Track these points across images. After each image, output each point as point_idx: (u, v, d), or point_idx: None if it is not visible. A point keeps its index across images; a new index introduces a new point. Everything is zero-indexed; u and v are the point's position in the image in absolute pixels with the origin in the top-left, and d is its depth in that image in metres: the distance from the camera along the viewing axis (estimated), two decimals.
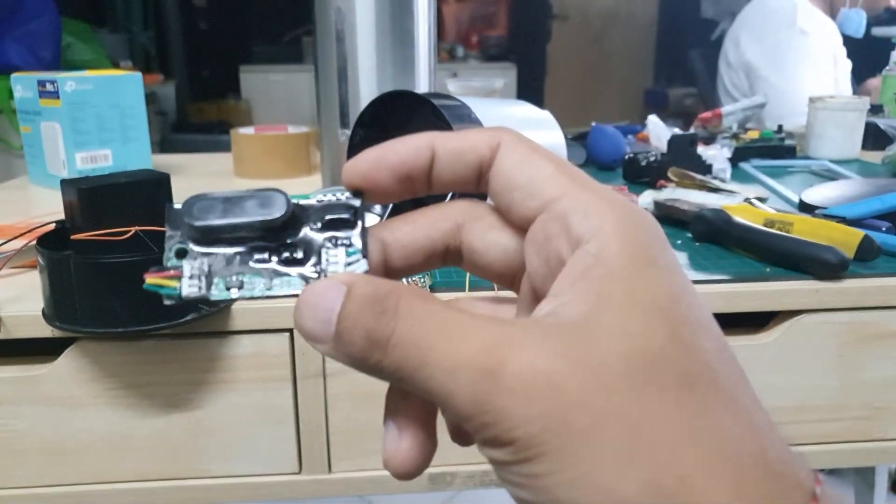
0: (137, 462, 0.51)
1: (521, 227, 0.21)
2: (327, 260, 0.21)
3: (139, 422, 0.50)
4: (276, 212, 0.20)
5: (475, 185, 0.21)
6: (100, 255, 0.44)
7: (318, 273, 0.21)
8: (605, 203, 0.18)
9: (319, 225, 0.21)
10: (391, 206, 0.58)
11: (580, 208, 0.18)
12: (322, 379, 0.51)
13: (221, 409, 0.51)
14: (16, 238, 0.51)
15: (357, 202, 0.21)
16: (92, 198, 0.44)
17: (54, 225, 0.48)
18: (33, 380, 0.49)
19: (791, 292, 0.52)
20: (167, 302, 0.20)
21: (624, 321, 0.17)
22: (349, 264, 0.21)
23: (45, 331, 0.47)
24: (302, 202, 0.21)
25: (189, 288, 0.20)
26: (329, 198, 0.22)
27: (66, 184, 0.45)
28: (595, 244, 0.18)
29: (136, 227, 0.44)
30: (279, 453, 0.52)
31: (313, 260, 0.21)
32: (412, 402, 0.21)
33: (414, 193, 0.22)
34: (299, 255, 0.21)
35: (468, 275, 0.52)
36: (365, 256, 0.21)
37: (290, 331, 0.50)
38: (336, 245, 0.21)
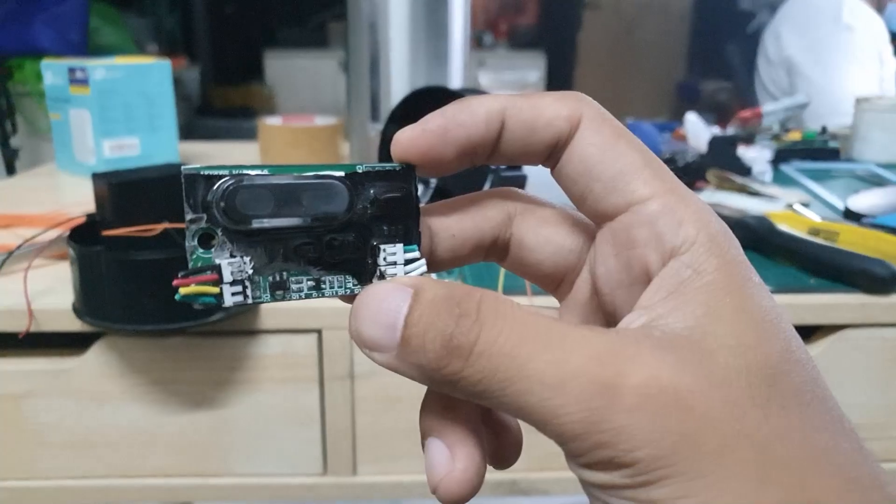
0: (163, 458, 0.51)
1: (594, 218, 0.19)
2: (384, 259, 0.18)
3: (165, 418, 0.50)
4: (338, 206, 0.18)
5: (542, 161, 0.19)
6: (130, 251, 0.43)
7: (373, 272, 0.18)
8: (697, 212, 0.17)
9: (370, 205, 0.18)
10: (433, 189, 0.57)
11: (673, 216, 0.17)
12: (350, 381, 0.50)
13: (247, 409, 0.50)
14: (49, 229, 0.51)
15: (411, 179, 0.19)
16: (123, 193, 0.44)
17: (85, 218, 0.47)
18: (63, 373, 0.49)
19: (836, 306, 0.50)
20: (198, 307, 0.18)
21: (738, 334, 0.16)
22: (408, 262, 0.19)
23: (75, 324, 0.47)
24: (347, 174, 0.18)
25: (233, 297, 0.17)
26: (377, 169, 0.19)
27: (97, 177, 0.45)
28: (691, 256, 0.16)
29: (167, 224, 0.44)
30: (304, 454, 0.51)
31: (365, 253, 0.18)
32: (460, 415, 0.19)
33: (471, 165, 0.19)
34: (349, 245, 0.18)
35: (501, 282, 0.51)
36: (422, 254, 0.19)
37: (319, 331, 0.49)
38: (390, 237, 0.19)
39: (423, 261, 0.19)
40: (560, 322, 0.16)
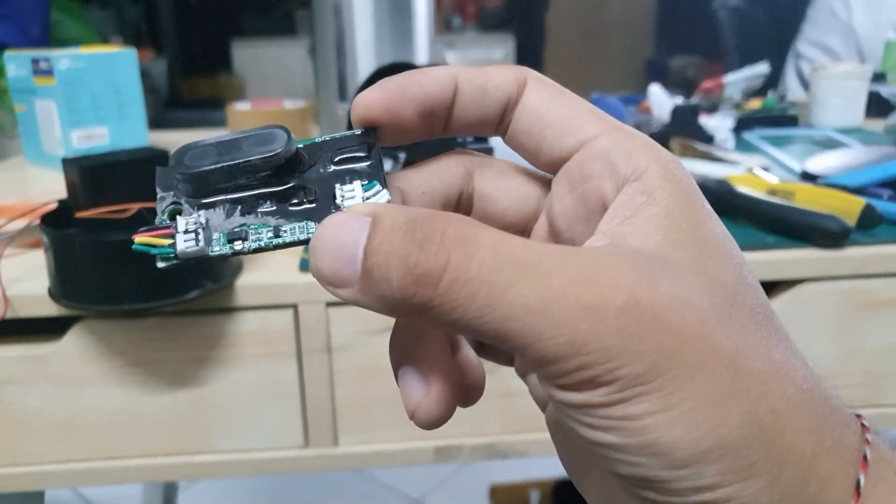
0: (145, 438, 0.52)
1: (549, 167, 0.20)
2: (342, 196, 0.18)
3: (146, 398, 0.51)
4: (277, 146, 0.18)
5: (495, 127, 0.20)
6: (104, 232, 0.44)
7: (334, 211, 0.18)
8: (646, 145, 0.18)
9: (331, 167, 0.19)
10: (402, 165, 0.58)
11: (623, 147, 0.18)
12: (327, 354, 0.51)
13: (227, 385, 0.51)
14: (19, 217, 0.51)
15: (373, 139, 0.19)
16: (94, 176, 0.44)
17: (57, 203, 0.47)
18: (40, 358, 0.49)
19: (793, 261, 0.52)
20: (161, 264, 0.17)
21: (698, 258, 0.16)
22: (368, 198, 0.18)
23: (52, 309, 0.47)
24: (309, 144, 0.19)
25: (185, 243, 0.17)
26: (337, 136, 0.19)
27: (67, 162, 0.45)
28: (644, 183, 0.17)
29: (140, 205, 0.44)
30: (285, 428, 0.53)
31: (325, 200, 0.18)
32: (431, 343, 0.19)
33: (431, 133, 0.20)
34: (310, 198, 0.18)
35: None
36: (385, 187, 0.18)
37: (295, 306, 0.50)
38: (350, 180, 0.18)
39: (384, 191, 0.18)
40: (531, 241, 0.16)
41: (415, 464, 0.54)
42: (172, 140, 1.00)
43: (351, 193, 0.18)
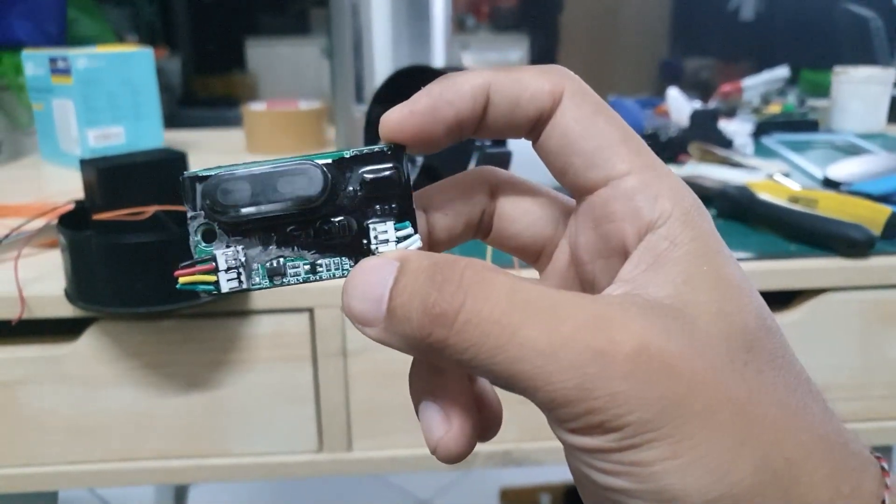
0: (159, 440, 0.52)
1: (573, 191, 0.20)
2: (376, 237, 0.19)
3: (160, 401, 0.51)
4: (313, 189, 0.18)
5: (525, 135, 0.20)
6: (121, 234, 0.43)
7: (367, 251, 0.19)
8: (672, 187, 0.18)
9: (359, 187, 0.19)
10: (420, 167, 0.58)
11: (649, 191, 0.18)
12: (343, 358, 0.51)
13: (242, 389, 0.51)
14: (37, 217, 0.51)
15: (401, 158, 0.19)
16: (111, 177, 0.44)
17: (74, 204, 0.47)
18: (56, 359, 0.49)
19: (816, 270, 0.51)
20: (204, 298, 0.19)
21: (718, 302, 0.16)
22: (400, 240, 0.19)
23: (68, 310, 0.47)
24: (337, 159, 0.19)
25: (229, 282, 0.19)
26: (364, 152, 0.19)
27: (85, 164, 0.45)
28: (668, 229, 0.17)
29: (156, 207, 0.44)
30: (299, 432, 0.52)
31: (358, 234, 0.19)
32: (450, 378, 0.19)
33: (458, 141, 0.20)
34: (342, 228, 0.19)
35: (489, 259, 0.52)
36: (416, 230, 0.19)
37: (310, 310, 0.49)
38: (382, 216, 0.19)
39: (416, 236, 0.19)
40: (546, 288, 0.16)
41: (429, 470, 0.53)
42: (188, 140, 1.00)
43: (384, 235, 0.19)
